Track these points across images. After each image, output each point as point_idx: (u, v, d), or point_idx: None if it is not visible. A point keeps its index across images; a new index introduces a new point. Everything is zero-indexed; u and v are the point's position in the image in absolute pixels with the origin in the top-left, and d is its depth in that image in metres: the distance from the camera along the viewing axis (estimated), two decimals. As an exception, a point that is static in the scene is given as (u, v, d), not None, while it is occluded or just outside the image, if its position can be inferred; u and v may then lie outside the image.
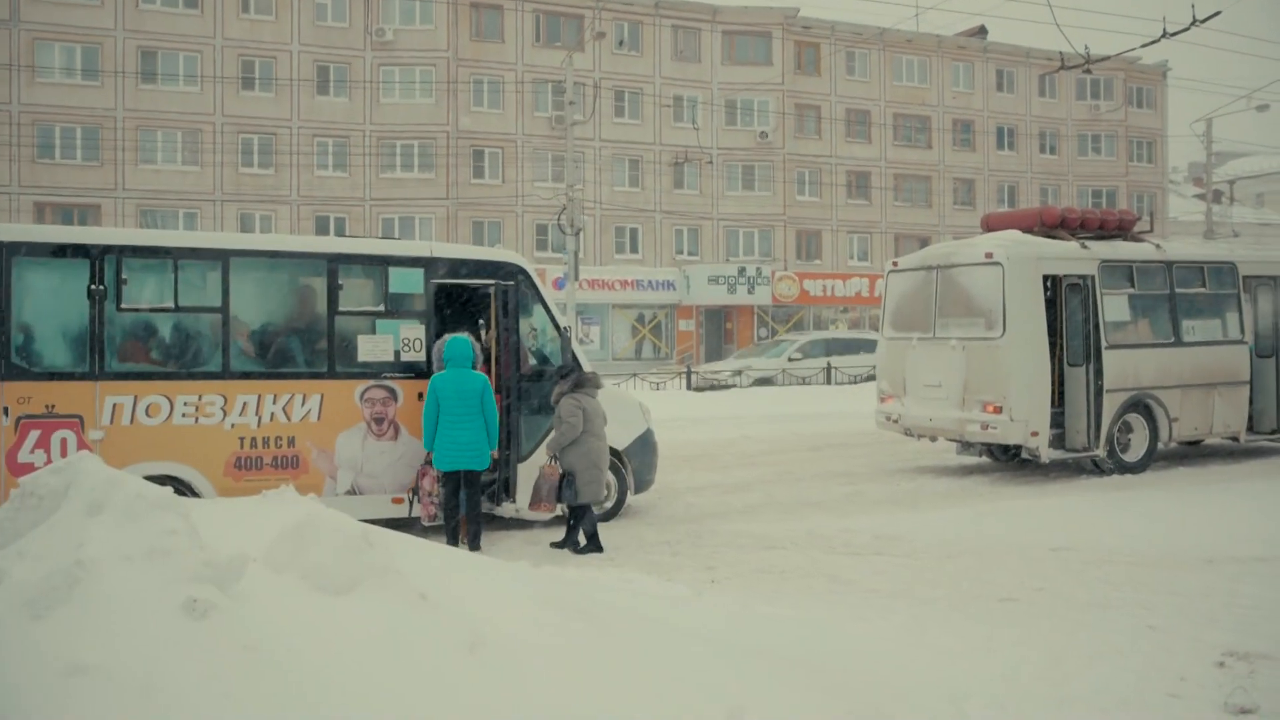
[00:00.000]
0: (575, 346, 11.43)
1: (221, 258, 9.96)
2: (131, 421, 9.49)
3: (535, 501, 10.14)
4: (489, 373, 10.86)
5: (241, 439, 9.92)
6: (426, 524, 10.14)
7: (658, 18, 47.90)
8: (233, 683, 3.74)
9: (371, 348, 10.46)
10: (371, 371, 10.43)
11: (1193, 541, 9.54)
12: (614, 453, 11.51)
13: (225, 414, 9.85)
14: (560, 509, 10.39)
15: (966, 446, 15.06)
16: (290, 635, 4.11)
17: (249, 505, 6.01)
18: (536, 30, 46.19)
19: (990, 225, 15.34)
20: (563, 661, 4.59)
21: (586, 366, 11.50)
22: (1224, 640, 6.29)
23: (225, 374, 9.90)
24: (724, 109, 48.65)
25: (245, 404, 9.93)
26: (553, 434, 10.11)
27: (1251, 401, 15.25)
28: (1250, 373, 15.17)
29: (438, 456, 9.91)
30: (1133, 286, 14.46)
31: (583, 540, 10.05)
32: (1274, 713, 5.12)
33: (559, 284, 38.64)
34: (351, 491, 10.29)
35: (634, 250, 47.95)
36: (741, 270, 47.02)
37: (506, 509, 10.92)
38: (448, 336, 10.40)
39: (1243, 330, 15.18)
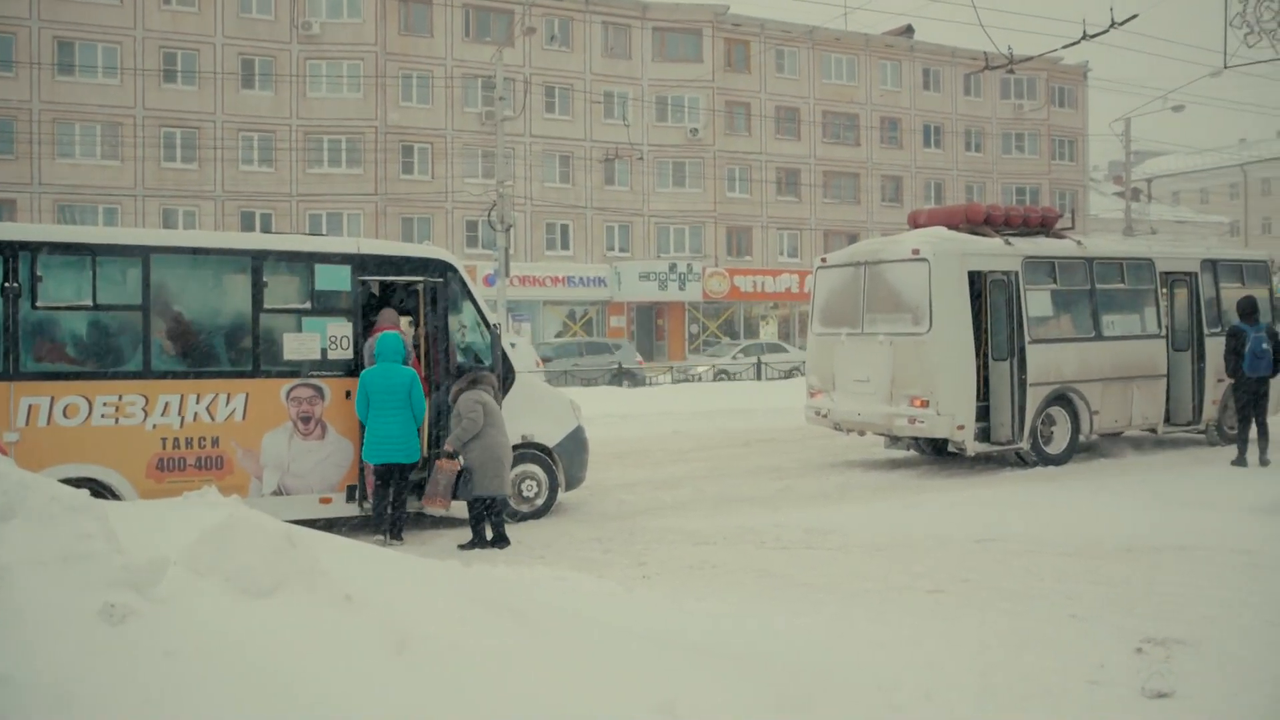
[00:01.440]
0: (505, 344, 11.41)
1: (142, 254, 9.76)
2: (48, 423, 9.27)
3: (430, 496, 10.10)
4: (419, 370, 10.81)
5: (164, 440, 9.73)
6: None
7: (588, 14, 47.83)
8: (153, 689, 3.66)
9: (298, 346, 10.31)
10: (298, 370, 10.29)
11: (1113, 531, 9.73)
12: (545, 450, 11.52)
13: (146, 414, 9.65)
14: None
15: (894, 441, 15.23)
16: (212, 639, 4.03)
17: (170, 507, 5.90)
18: (466, 25, 45.90)
19: (917, 222, 15.51)
20: (492, 660, 4.56)
21: (518, 365, 11.50)
22: (1142, 627, 6.42)
23: (146, 373, 9.70)
24: (654, 106, 48.71)
25: (167, 404, 9.74)
26: (453, 430, 10.03)
27: (1168, 394, 15.60)
28: (1167, 366, 15.51)
29: (367, 450, 10.08)
30: (1055, 282, 14.71)
31: (489, 534, 10.06)
32: (1189, 696, 5.23)
33: (489, 281, 38.49)
34: (278, 492, 10.15)
35: (565, 247, 47.86)
36: (672, 267, 47.16)
37: (435, 507, 10.83)
38: (380, 332, 10.39)
39: (1160, 325, 15.52)
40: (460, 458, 10.02)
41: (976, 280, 13.98)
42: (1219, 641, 6.11)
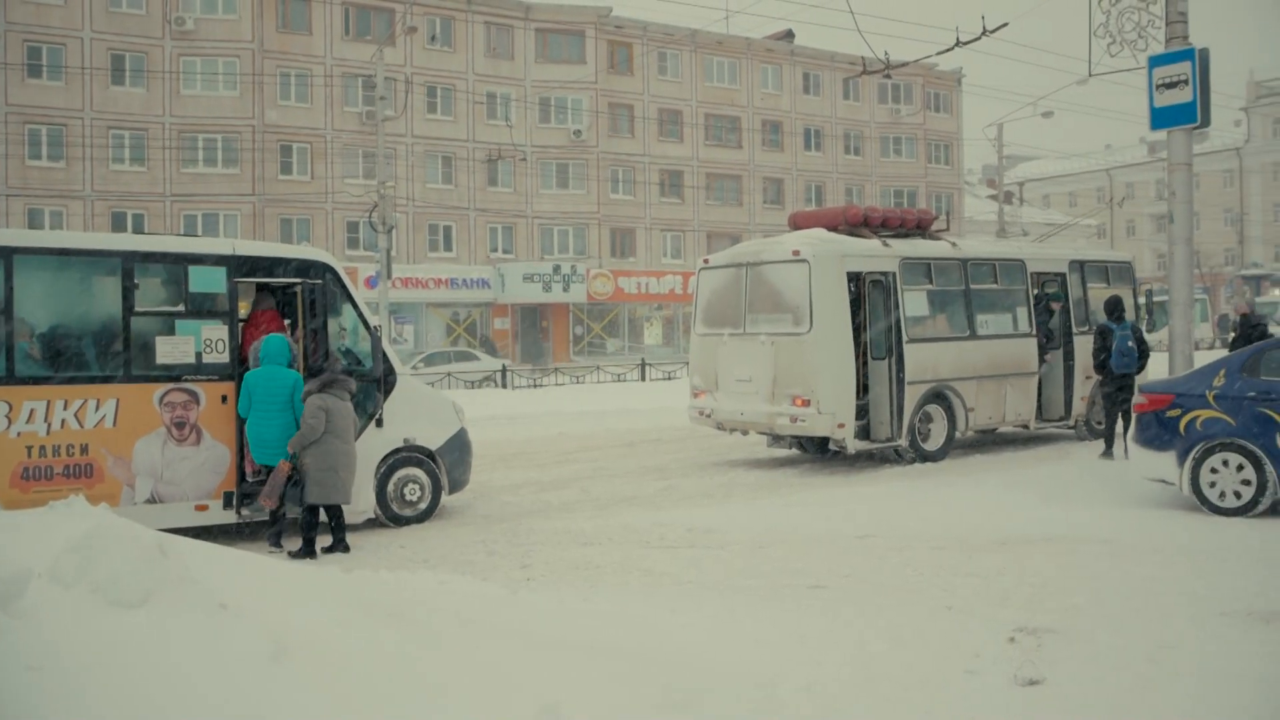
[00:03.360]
0: (387, 346, 11.26)
1: (4, 255, 9.39)
2: (-96, 431, 8.87)
3: (264, 494, 9.89)
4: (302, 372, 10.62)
5: (29, 448, 9.39)
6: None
7: (470, 14, 47.50)
8: (16, 706, 3.53)
9: (171, 350, 10.03)
10: (172, 374, 10.01)
11: (987, 525, 10.01)
12: (427, 453, 11.40)
13: (10, 422, 9.30)
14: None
15: (777, 439, 15.42)
16: (80, 652, 3.90)
17: (34, 517, 5.69)
18: (346, 23, 45.20)
19: (797, 224, 15.73)
20: (372, 666, 4.50)
21: (399, 367, 11.35)
22: (1015, 617, 6.61)
23: (9, 379, 9.35)
24: (538, 107, 48.59)
25: (33, 410, 9.40)
26: (296, 434, 9.87)
27: (1040, 391, 16.09)
28: (1038, 364, 15.99)
29: (251, 451, 9.97)
30: (931, 283, 15.05)
31: (328, 541, 9.94)
32: (1058, 683, 5.40)
33: (371, 282, 37.98)
34: (152, 500, 9.87)
35: (448, 248, 47.45)
36: (556, 268, 47.11)
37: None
38: (265, 334, 10.23)
39: (1031, 323, 16.00)
40: (294, 460, 9.84)
41: (856, 281, 14.23)
42: (1086, 629, 6.32)
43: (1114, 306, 14.26)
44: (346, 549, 9.85)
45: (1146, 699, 5.23)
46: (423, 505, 11.34)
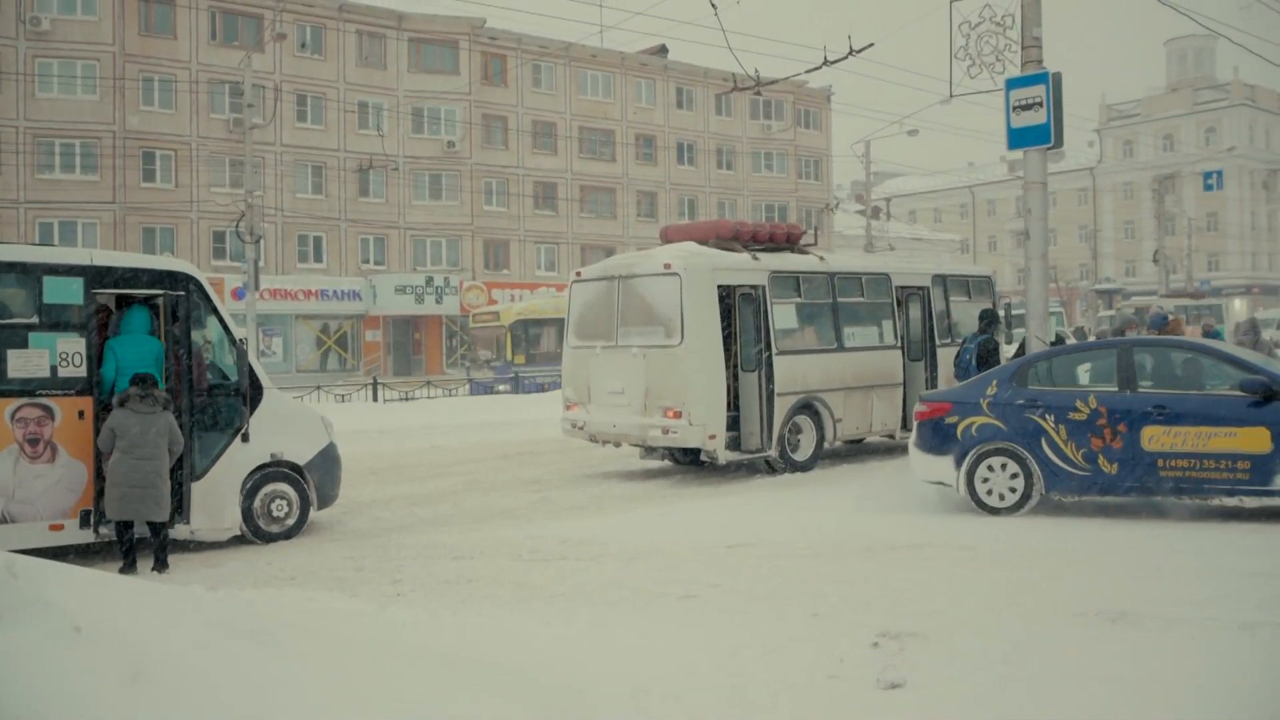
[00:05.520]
0: (253, 359, 11.03)
1: None
2: None
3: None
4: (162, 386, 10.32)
5: None
6: None
7: (341, 21, 46.84)
8: None
9: (23, 363, 9.65)
10: (24, 389, 9.63)
11: (854, 532, 10.23)
12: (295, 468, 11.18)
13: None
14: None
15: (650, 451, 15.52)
16: (-80, 679, 3.74)
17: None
18: (212, 28, 44.16)
19: (669, 237, 15.86)
20: (234, 687, 4.41)
21: (265, 381, 11.11)
22: (879, 622, 6.77)
23: None
24: (410, 117, 48.14)
25: None
26: None
27: (905, 401, 16.50)
28: (903, 375, 16.41)
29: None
30: (799, 296, 15.33)
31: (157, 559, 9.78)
32: (919, 685, 5.56)
33: (238, 294, 37.08)
34: (2, 520, 9.47)
35: (318, 259, 46.64)
36: (429, 280, 46.68)
37: (179, 530, 10.38)
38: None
39: (896, 336, 16.41)
40: None
41: (727, 294, 14.41)
42: (946, 632, 6.51)
43: (980, 318, 14.71)
44: (166, 566, 9.70)
45: (1003, 699, 5.42)
46: (290, 521, 11.11)
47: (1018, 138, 13.62)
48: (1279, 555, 8.44)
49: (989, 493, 10.90)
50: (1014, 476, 10.78)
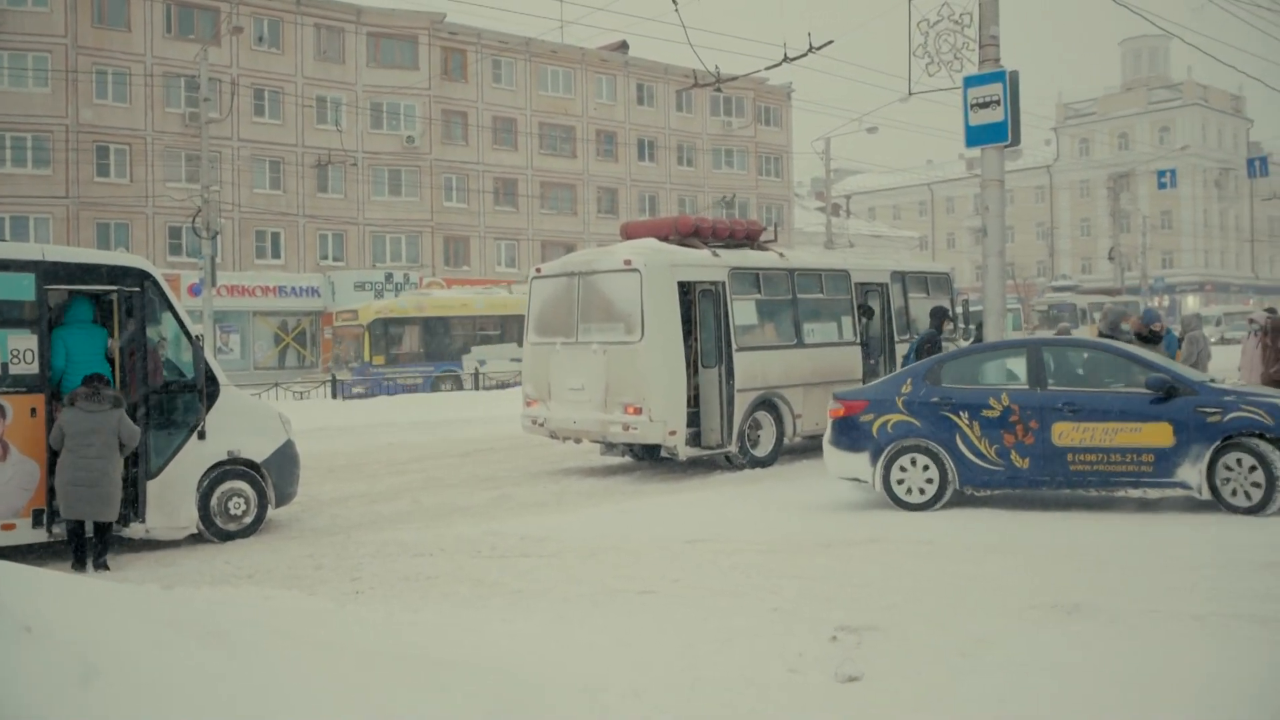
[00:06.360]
0: (210, 356, 10.92)
1: None
2: None
3: None
4: (116, 383, 10.22)
5: None
6: None
7: (299, 15, 46.45)
8: None
9: (-27, 360, 9.53)
10: (-26, 386, 9.51)
11: (813, 527, 10.31)
12: (253, 465, 11.09)
13: None
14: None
15: (610, 447, 15.52)
16: None
17: None
18: (168, 20, 43.63)
19: (629, 233, 15.85)
20: (190, 686, 4.37)
21: (222, 378, 11.01)
22: (837, 617, 6.80)
23: None
24: (369, 112, 47.83)
25: None
26: None
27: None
28: (863, 371, 16.49)
29: None
30: (759, 292, 15.37)
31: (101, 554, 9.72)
32: (876, 678, 5.60)
33: (195, 290, 36.73)
34: (-48, 519, 9.34)
35: (276, 255, 46.26)
36: (389, 276, 46.37)
37: (135, 529, 10.28)
38: None
39: (855, 332, 16.50)
40: None
41: (687, 290, 14.43)
42: (903, 626, 6.56)
43: (931, 315, 14.83)
44: (106, 568, 9.59)
45: (960, 691, 5.47)
46: (248, 519, 11.01)
47: (976, 135, 13.73)
48: (1219, 548, 8.56)
49: (905, 489, 11.09)
50: (928, 471, 11.00)
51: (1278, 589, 7.11)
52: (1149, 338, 13.18)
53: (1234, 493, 9.80)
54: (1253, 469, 9.71)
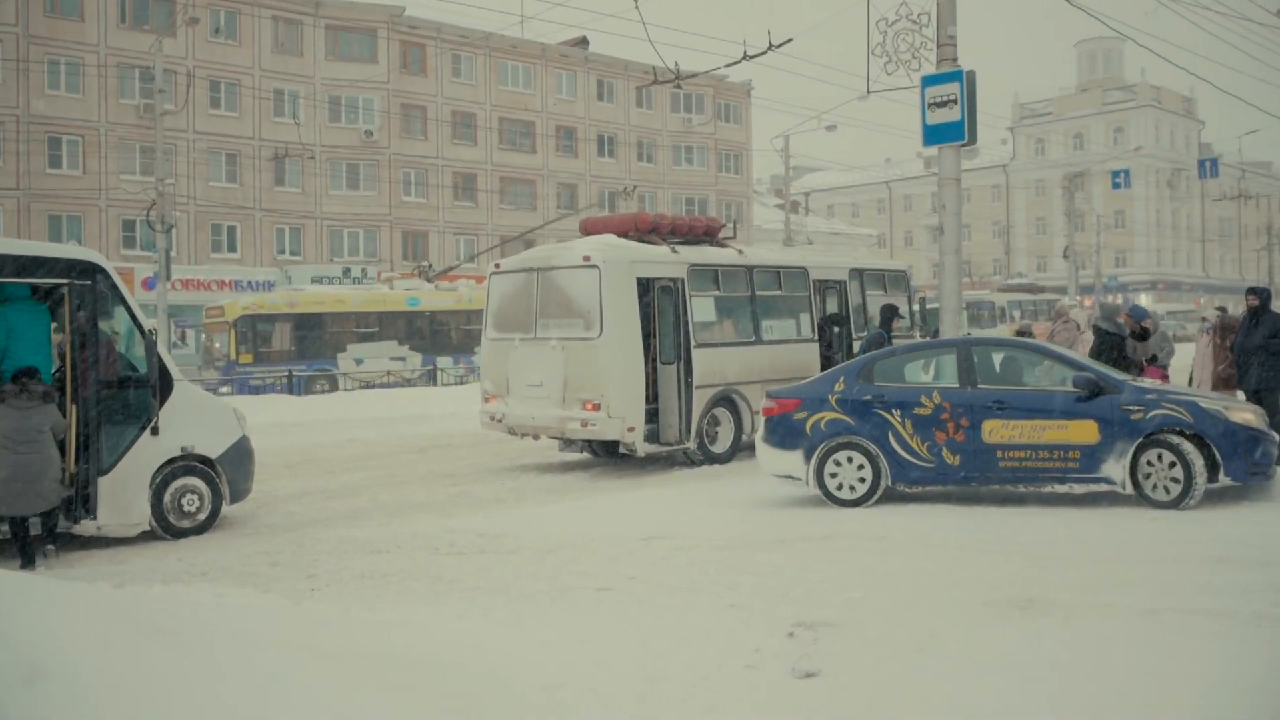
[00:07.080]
0: (163, 351, 10.79)
1: None
2: None
3: None
4: (67, 378, 10.07)
5: None
6: None
7: (257, 7, 46.01)
8: None
9: (-80, 353, 9.37)
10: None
11: (770, 523, 10.34)
12: (207, 461, 10.97)
13: None
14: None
15: (568, 443, 15.50)
16: None
17: None
18: (122, 10, 43.08)
19: (588, 229, 15.83)
20: (139, 686, 4.30)
21: (175, 373, 10.89)
22: (794, 613, 6.83)
23: None
24: (327, 105, 47.45)
25: None
26: None
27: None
28: (820, 368, 16.55)
29: None
30: (718, 289, 15.40)
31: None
32: (833, 674, 5.62)
33: (149, 284, 36.28)
34: (-108, 518, 9.18)
35: (232, 249, 45.82)
36: (346, 271, 45.98)
37: (85, 526, 10.14)
38: None
39: (814, 329, 16.56)
40: None
41: (646, 286, 14.43)
42: (859, 621, 6.60)
43: (880, 312, 14.96)
44: (33, 565, 9.40)
45: (916, 686, 5.50)
46: (202, 516, 10.90)
47: (933, 134, 13.85)
48: (1166, 542, 8.67)
49: (838, 486, 11.17)
50: (861, 469, 11.10)
51: (1227, 584, 7.20)
52: (1140, 334, 13.38)
53: (1154, 487, 10.04)
54: (1172, 465, 9.95)
